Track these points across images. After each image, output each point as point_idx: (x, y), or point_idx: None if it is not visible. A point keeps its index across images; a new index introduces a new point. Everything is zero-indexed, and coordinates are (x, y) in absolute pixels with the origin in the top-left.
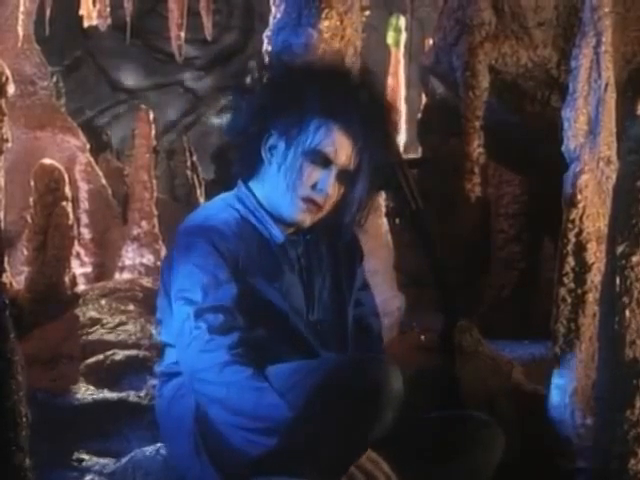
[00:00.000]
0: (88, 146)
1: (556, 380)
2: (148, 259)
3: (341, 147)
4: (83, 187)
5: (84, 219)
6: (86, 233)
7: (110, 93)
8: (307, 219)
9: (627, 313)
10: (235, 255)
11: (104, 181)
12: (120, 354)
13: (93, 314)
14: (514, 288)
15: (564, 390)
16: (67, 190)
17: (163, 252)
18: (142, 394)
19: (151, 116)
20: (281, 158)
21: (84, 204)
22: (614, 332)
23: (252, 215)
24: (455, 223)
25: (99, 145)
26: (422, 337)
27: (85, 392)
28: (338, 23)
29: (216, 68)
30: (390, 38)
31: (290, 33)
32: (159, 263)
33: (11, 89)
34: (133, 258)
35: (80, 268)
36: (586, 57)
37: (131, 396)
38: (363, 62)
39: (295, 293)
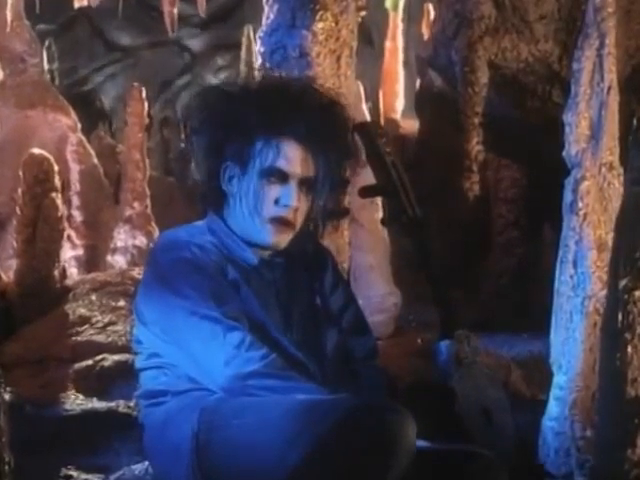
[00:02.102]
0: (79, 125)
1: (555, 391)
2: (140, 241)
3: (294, 157)
4: (74, 168)
5: (75, 201)
6: (77, 215)
7: (104, 52)
8: (281, 240)
9: (629, 349)
10: (221, 266)
11: (96, 160)
12: (110, 359)
13: (83, 311)
14: (513, 275)
15: (564, 401)
16: (57, 181)
17: (156, 233)
18: (132, 404)
19: (144, 93)
20: (240, 187)
21: (75, 186)
22: (615, 368)
23: (224, 242)
24: (454, 207)
25: (92, 112)
26: (419, 340)
27: (74, 402)
28: (333, 24)
29: (212, 26)
30: (389, 2)
31: (284, 34)
32: (152, 245)
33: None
34: (125, 240)
35: (71, 251)
36: (589, 59)
37: (121, 406)
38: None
39: (273, 315)
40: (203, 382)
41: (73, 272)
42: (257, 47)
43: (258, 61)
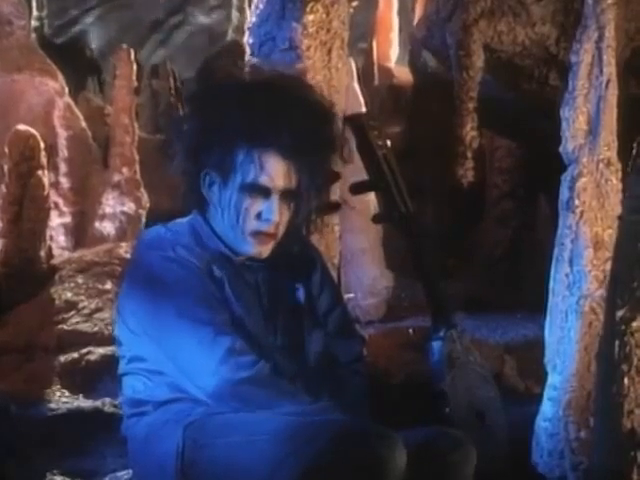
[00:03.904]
0: (67, 89)
1: (549, 391)
2: (129, 207)
3: (276, 172)
4: (62, 134)
5: (63, 167)
6: (65, 182)
7: None
8: (263, 251)
9: (626, 381)
10: (208, 268)
11: (84, 124)
12: (95, 353)
13: (69, 296)
14: (507, 247)
15: (558, 402)
16: (43, 157)
17: (145, 199)
18: (118, 402)
19: (132, 55)
20: (220, 197)
21: (63, 152)
22: (612, 400)
23: (206, 244)
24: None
25: (81, 63)
26: (410, 331)
27: (59, 399)
28: (324, 16)
29: None
30: None
31: (273, 26)
32: (140, 211)
33: None
34: (114, 206)
35: (58, 218)
36: (587, 52)
37: (107, 405)
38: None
39: (255, 317)
40: (188, 388)
41: (60, 240)
42: (245, 38)
43: (246, 52)
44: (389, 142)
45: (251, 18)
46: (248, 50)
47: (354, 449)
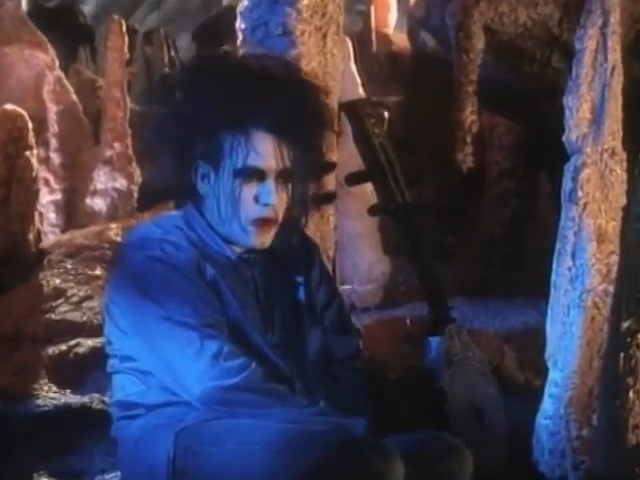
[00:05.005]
0: (57, 63)
1: (550, 388)
2: (121, 183)
3: (266, 151)
4: (52, 108)
5: (53, 143)
6: (55, 158)
7: None
8: (265, 240)
9: (631, 395)
10: (198, 266)
11: (75, 97)
12: (84, 345)
13: (58, 282)
14: (507, 227)
15: (559, 399)
16: (31, 138)
17: (137, 175)
18: (106, 398)
19: (124, 27)
20: (214, 187)
21: (53, 127)
22: (616, 413)
23: (201, 238)
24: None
25: (75, 29)
26: (407, 321)
27: (47, 394)
28: (319, 0)
29: None
30: None
31: (266, 10)
32: (132, 187)
33: None
34: (105, 182)
35: (49, 195)
36: (591, 39)
37: (95, 401)
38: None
39: (252, 314)
40: (177, 391)
41: (51, 217)
42: (237, 23)
43: (239, 37)
44: (386, 113)
45: (243, 2)
46: (240, 35)
47: (349, 462)
